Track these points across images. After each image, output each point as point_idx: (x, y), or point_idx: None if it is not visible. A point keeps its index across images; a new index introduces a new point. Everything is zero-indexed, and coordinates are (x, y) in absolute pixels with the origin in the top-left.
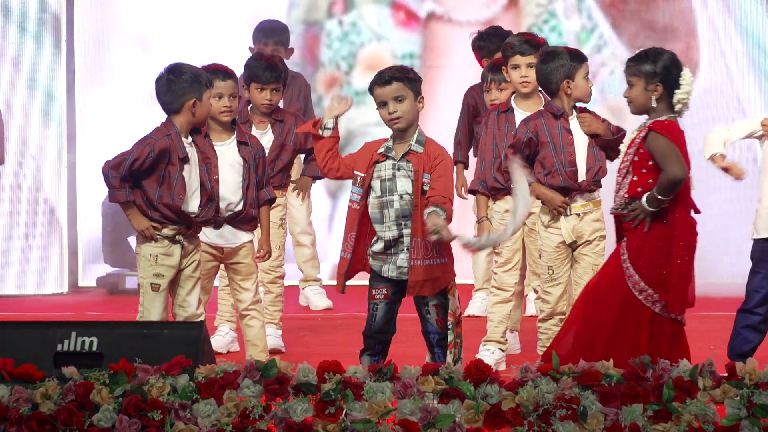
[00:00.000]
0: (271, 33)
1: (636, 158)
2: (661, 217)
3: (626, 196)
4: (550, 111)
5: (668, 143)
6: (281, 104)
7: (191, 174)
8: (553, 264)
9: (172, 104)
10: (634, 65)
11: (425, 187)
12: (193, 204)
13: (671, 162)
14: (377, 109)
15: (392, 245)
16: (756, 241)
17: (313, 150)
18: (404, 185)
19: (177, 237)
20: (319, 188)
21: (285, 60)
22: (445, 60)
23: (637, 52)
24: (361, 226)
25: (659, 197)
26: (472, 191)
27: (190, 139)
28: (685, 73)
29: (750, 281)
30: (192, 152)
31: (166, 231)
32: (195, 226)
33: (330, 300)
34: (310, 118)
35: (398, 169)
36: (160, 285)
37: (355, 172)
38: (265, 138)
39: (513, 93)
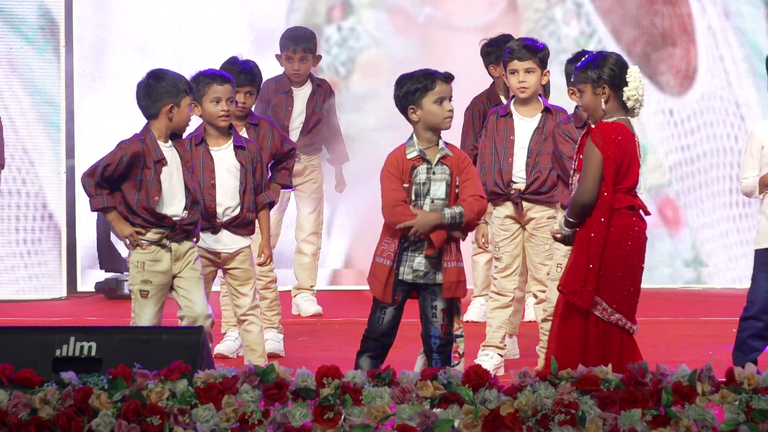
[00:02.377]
0: (299, 40)
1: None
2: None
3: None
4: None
5: (596, 159)
6: (303, 112)
7: (172, 177)
8: None
9: (150, 108)
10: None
11: (457, 190)
12: (175, 207)
13: (585, 182)
14: (433, 104)
15: (411, 248)
16: (758, 251)
17: (284, 158)
18: (437, 189)
19: (164, 241)
20: None
21: (312, 67)
22: (443, 65)
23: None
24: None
25: (570, 219)
26: None
27: (169, 143)
28: (632, 71)
29: (752, 288)
30: (171, 155)
31: (151, 235)
32: (179, 229)
33: (320, 306)
34: (334, 125)
35: (433, 173)
36: (148, 291)
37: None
38: (253, 141)
39: (512, 97)
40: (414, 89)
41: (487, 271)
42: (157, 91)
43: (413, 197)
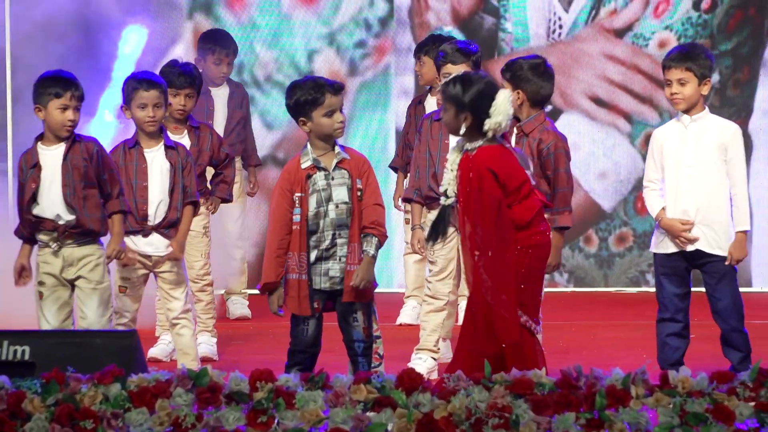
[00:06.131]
0: (228, 43)
1: None
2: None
3: None
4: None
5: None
6: (225, 112)
7: (52, 180)
8: None
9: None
10: (447, 90)
11: (359, 193)
12: (56, 210)
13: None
14: (322, 117)
15: (324, 256)
16: (656, 255)
17: (222, 169)
18: (340, 194)
19: (49, 242)
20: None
21: (229, 66)
22: None
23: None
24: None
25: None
26: (406, 199)
27: (57, 146)
28: (499, 101)
29: (659, 290)
30: (49, 158)
31: (41, 236)
32: (63, 233)
33: (249, 309)
34: (249, 127)
35: (332, 179)
36: (42, 293)
37: (294, 196)
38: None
39: None
40: (303, 101)
41: (418, 270)
42: (35, 91)
43: (314, 205)
